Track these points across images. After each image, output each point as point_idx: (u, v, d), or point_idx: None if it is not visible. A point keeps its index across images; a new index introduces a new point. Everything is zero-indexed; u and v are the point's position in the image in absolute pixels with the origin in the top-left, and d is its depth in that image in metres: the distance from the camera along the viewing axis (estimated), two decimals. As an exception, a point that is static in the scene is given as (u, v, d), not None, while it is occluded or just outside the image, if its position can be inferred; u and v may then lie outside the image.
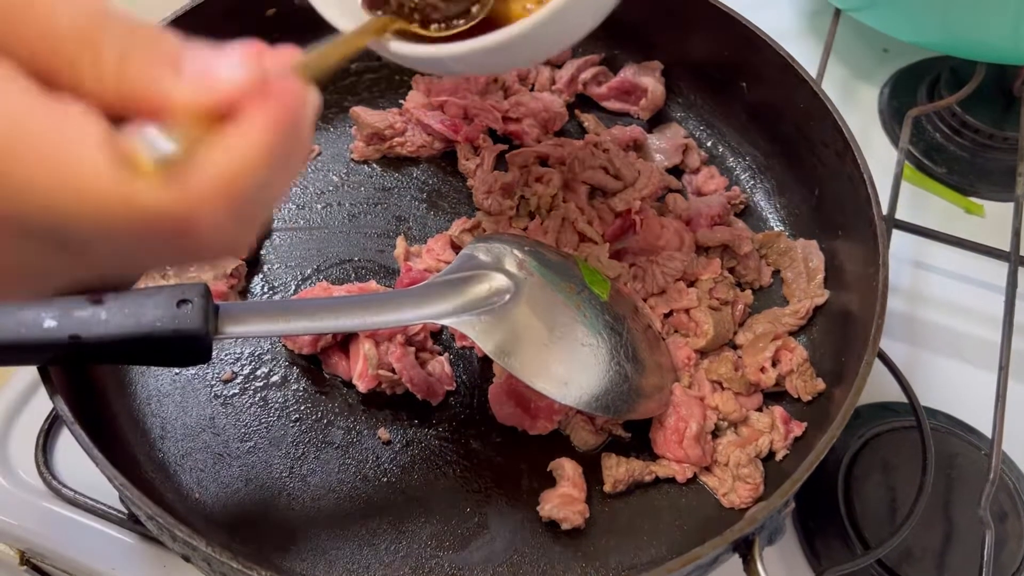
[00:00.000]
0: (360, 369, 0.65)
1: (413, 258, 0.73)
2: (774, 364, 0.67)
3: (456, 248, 0.73)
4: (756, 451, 0.64)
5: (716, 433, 0.66)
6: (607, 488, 0.63)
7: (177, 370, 0.67)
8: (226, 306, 0.57)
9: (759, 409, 0.67)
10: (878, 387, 0.75)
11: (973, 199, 0.92)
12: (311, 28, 0.86)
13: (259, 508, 0.62)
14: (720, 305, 0.70)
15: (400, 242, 0.74)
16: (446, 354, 0.69)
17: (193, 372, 0.67)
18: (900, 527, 0.64)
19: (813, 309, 0.72)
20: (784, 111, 0.77)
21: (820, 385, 0.67)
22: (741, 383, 0.67)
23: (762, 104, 0.80)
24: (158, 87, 0.30)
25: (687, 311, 0.69)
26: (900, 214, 0.81)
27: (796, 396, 0.67)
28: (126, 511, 0.66)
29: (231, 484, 0.63)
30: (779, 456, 0.65)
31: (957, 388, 0.78)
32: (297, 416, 0.66)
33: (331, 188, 0.79)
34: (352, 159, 0.81)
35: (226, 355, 0.68)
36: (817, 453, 0.54)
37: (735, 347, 0.70)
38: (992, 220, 0.91)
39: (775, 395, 0.69)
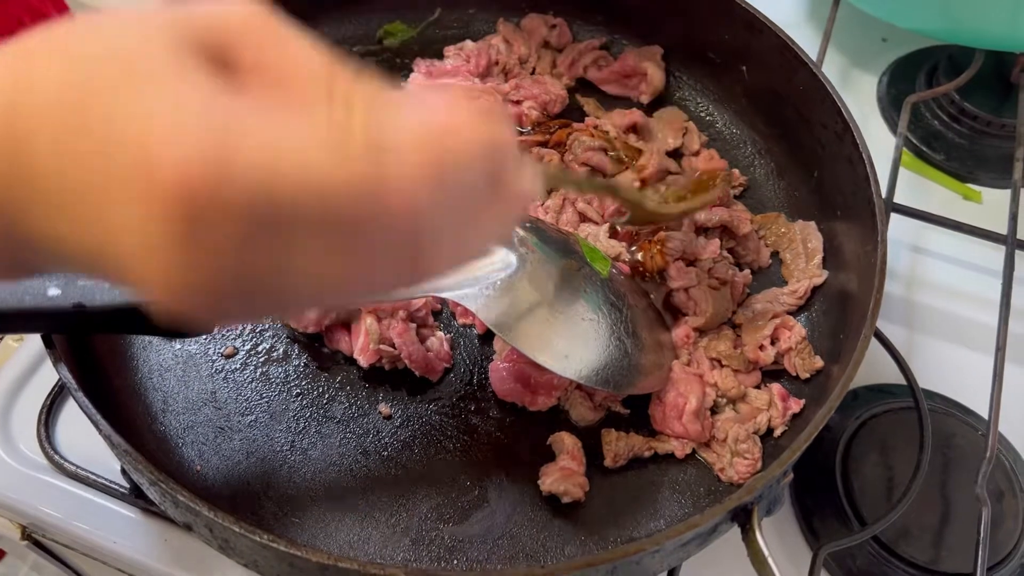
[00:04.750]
0: (362, 344, 0.65)
1: (414, 237, 0.74)
2: (773, 342, 0.68)
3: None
4: (755, 427, 0.65)
5: (715, 410, 0.67)
6: (607, 462, 0.63)
7: (179, 345, 0.68)
8: (229, 277, 0.57)
9: (757, 386, 0.68)
10: (876, 369, 0.76)
11: (971, 186, 0.93)
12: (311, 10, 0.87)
13: (260, 481, 0.62)
14: (719, 284, 0.70)
15: (401, 222, 0.74)
16: (448, 335, 0.69)
17: (195, 347, 0.68)
18: (897, 504, 0.64)
19: (812, 289, 0.72)
20: (784, 94, 0.77)
21: (818, 363, 0.68)
22: (740, 360, 0.67)
23: (762, 87, 0.80)
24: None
25: (686, 290, 0.70)
26: (900, 201, 0.82)
27: (794, 374, 0.68)
28: (128, 485, 0.67)
29: (232, 457, 0.63)
30: (777, 432, 0.65)
31: (954, 370, 0.78)
32: (298, 391, 0.66)
33: (333, 169, 0.79)
34: (354, 140, 0.81)
35: (228, 331, 0.69)
36: (815, 424, 0.54)
37: (734, 326, 0.71)
38: (989, 206, 0.91)
39: (774, 373, 0.69)
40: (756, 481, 0.53)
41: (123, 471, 0.66)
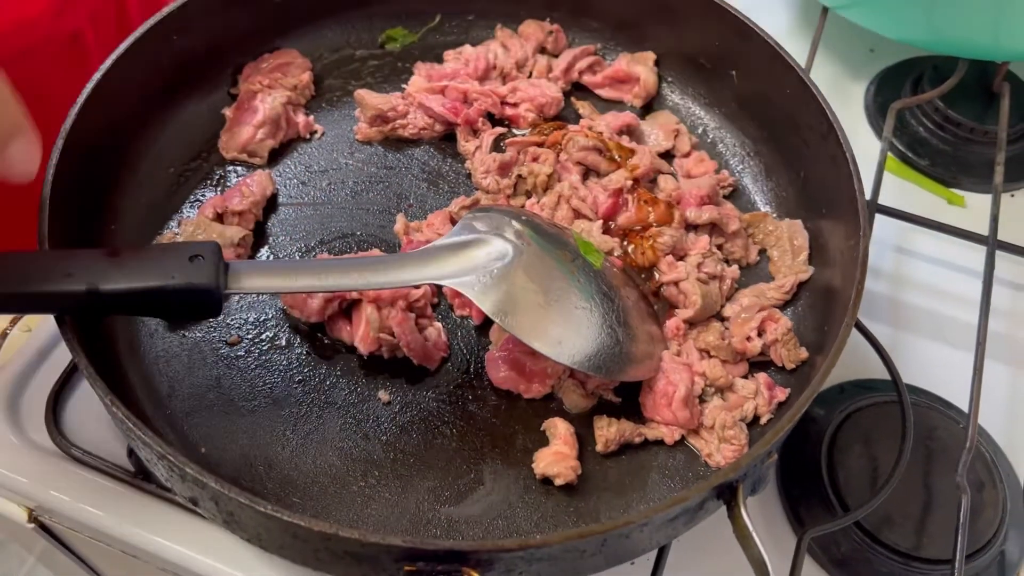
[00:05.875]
0: (362, 332, 0.67)
1: (413, 233, 0.76)
2: (759, 334, 0.70)
3: (455, 224, 0.76)
4: (741, 415, 0.67)
5: (703, 398, 0.69)
6: (599, 448, 0.65)
7: (184, 333, 0.70)
8: (236, 263, 0.59)
9: (745, 376, 0.70)
10: (860, 365, 0.78)
11: (955, 190, 0.95)
12: (316, 14, 0.90)
13: (263, 464, 0.64)
14: (708, 279, 0.73)
15: (400, 218, 0.77)
16: (446, 326, 0.71)
17: (200, 335, 0.70)
18: (880, 491, 0.66)
19: (798, 285, 0.74)
20: (772, 97, 0.80)
21: (803, 354, 0.70)
22: (728, 351, 0.69)
23: (751, 92, 0.83)
24: None
25: (676, 283, 0.72)
26: (885, 203, 0.84)
27: (780, 364, 0.70)
28: (133, 469, 0.68)
29: (236, 441, 0.65)
30: (763, 420, 0.67)
31: (936, 366, 0.81)
32: (300, 378, 0.68)
33: (335, 167, 0.82)
34: (356, 140, 0.83)
35: (232, 320, 0.71)
36: (799, 406, 0.56)
37: (722, 319, 0.73)
38: (973, 211, 0.94)
39: (761, 364, 0.71)
40: (742, 459, 0.55)
41: (129, 454, 0.68)
